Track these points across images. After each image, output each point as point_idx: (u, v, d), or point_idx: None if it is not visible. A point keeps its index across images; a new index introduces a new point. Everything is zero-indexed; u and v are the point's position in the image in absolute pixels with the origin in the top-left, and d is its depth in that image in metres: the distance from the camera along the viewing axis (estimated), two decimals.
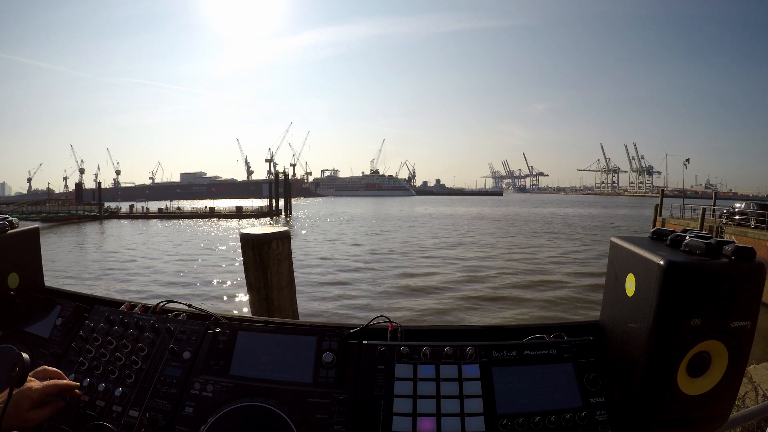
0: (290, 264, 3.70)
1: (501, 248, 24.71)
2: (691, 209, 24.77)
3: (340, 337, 1.07)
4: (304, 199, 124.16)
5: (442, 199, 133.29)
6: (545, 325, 1.16)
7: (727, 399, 0.94)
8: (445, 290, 14.75)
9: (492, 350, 1.02)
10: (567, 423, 0.92)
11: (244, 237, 3.54)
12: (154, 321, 1.17)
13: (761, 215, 17.34)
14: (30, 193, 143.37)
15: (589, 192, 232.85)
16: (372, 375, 1.00)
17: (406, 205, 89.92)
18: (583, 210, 69.80)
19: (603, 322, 1.08)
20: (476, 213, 60.97)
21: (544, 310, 12.63)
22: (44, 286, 1.39)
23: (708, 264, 0.84)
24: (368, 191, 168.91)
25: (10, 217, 1.29)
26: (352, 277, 17.07)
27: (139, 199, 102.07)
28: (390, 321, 1.16)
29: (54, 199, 57.20)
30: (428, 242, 27.32)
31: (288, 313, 3.65)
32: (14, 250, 1.28)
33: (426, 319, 11.87)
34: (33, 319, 1.25)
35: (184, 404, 1.00)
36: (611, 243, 1.06)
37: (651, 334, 0.87)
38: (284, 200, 52.60)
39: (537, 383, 0.98)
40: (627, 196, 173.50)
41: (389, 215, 55.12)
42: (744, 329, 0.87)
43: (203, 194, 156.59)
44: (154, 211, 55.68)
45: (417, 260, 20.53)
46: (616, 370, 0.99)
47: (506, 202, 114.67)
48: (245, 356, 1.06)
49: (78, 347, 1.15)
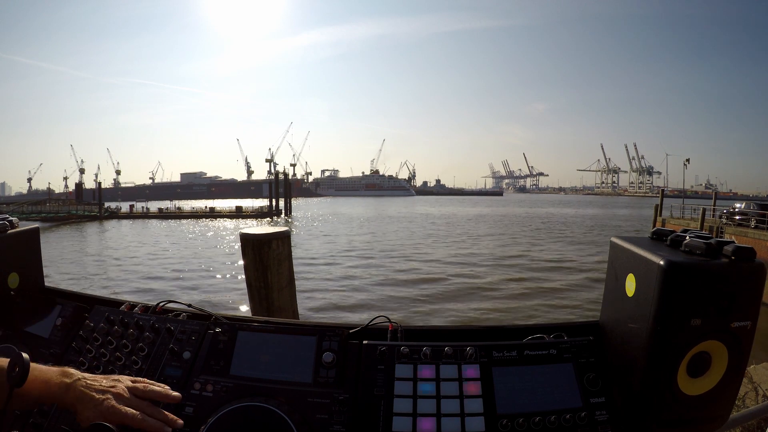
0: (290, 264, 3.70)
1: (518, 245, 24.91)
2: (691, 209, 24.79)
3: (340, 337, 1.07)
4: (305, 199, 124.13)
5: (442, 199, 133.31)
6: (545, 325, 1.17)
7: (727, 399, 0.94)
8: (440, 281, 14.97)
9: (492, 350, 1.02)
10: (567, 423, 0.92)
11: (244, 237, 3.54)
12: (154, 321, 1.17)
13: (761, 215, 17.34)
14: (30, 193, 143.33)
15: (590, 192, 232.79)
16: (372, 375, 1.00)
17: (406, 205, 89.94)
18: (583, 210, 69.87)
19: (603, 322, 1.08)
20: (478, 213, 61.07)
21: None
22: (44, 286, 1.39)
23: (708, 264, 0.84)
24: (368, 191, 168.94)
25: (10, 217, 1.29)
26: (352, 273, 17.12)
27: (139, 199, 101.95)
28: (390, 321, 1.16)
29: (54, 199, 57.15)
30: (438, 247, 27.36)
31: (288, 313, 3.65)
32: (14, 250, 1.28)
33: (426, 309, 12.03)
34: (33, 319, 1.25)
35: (184, 404, 1.00)
36: (611, 243, 1.06)
37: (651, 334, 0.87)
38: (284, 200, 52.62)
39: (537, 383, 0.98)
40: (627, 196, 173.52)
41: (390, 215, 55.15)
42: (744, 329, 0.87)
43: (203, 194, 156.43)
44: (154, 211, 55.69)
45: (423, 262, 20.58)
46: (616, 370, 0.99)
47: (506, 202, 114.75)
48: (245, 356, 1.07)
49: (78, 347, 1.15)
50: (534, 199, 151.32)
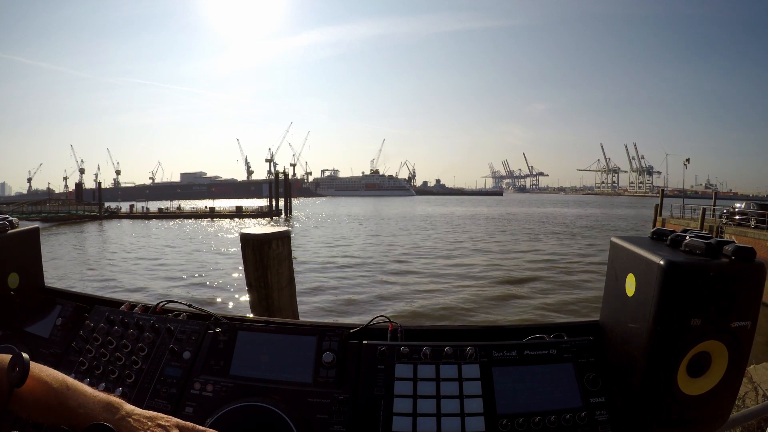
0: (290, 264, 3.70)
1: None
2: (691, 209, 24.76)
3: (340, 337, 1.07)
4: (305, 199, 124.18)
5: (442, 199, 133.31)
6: (545, 325, 1.16)
7: (727, 399, 0.94)
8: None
9: (492, 350, 1.02)
10: (567, 423, 0.92)
11: (244, 237, 3.54)
12: (154, 321, 1.17)
13: (761, 215, 17.34)
14: (30, 193, 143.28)
15: (590, 192, 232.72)
16: (372, 375, 1.00)
17: (406, 205, 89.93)
18: (583, 210, 69.89)
19: (603, 322, 1.08)
20: (480, 213, 61.10)
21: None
22: (44, 286, 1.39)
23: (708, 264, 0.84)
24: (368, 191, 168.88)
25: (10, 217, 1.29)
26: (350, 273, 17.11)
27: (139, 199, 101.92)
28: (390, 321, 1.16)
29: (54, 199, 57.10)
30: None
31: (288, 313, 3.65)
32: (14, 250, 1.28)
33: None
34: (33, 319, 1.25)
35: (184, 404, 1.00)
36: (611, 243, 1.06)
37: (651, 334, 0.87)
38: (284, 200, 52.62)
39: (537, 383, 0.98)
40: (627, 196, 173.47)
41: (390, 215, 55.13)
42: (744, 329, 0.87)
43: (203, 194, 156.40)
44: (154, 210, 55.69)
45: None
46: (616, 370, 0.99)
47: (507, 202, 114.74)
48: (245, 356, 1.07)
49: (78, 347, 1.15)
50: (535, 199, 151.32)
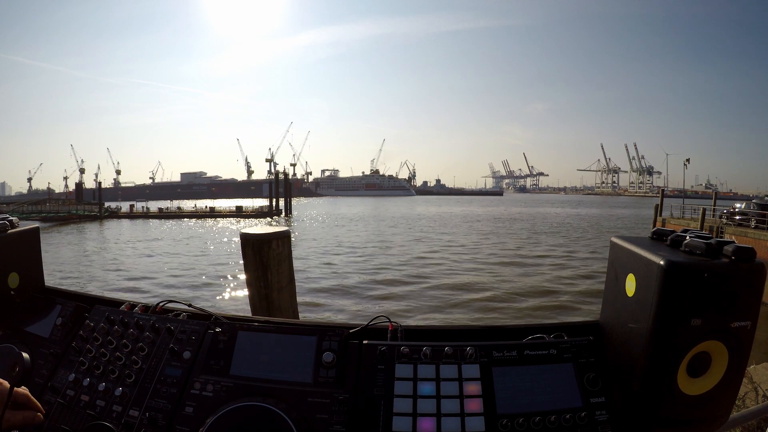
0: (290, 264, 3.69)
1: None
2: (691, 209, 24.79)
3: (340, 337, 1.07)
4: (305, 199, 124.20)
5: (443, 199, 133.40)
6: (545, 325, 1.16)
7: (727, 399, 0.94)
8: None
9: (492, 350, 1.02)
10: (567, 423, 0.92)
11: (244, 237, 3.54)
12: (154, 321, 1.17)
13: (761, 215, 17.34)
14: (30, 193, 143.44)
15: (590, 192, 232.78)
16: (372, 375, 1.00)
17: (406, 205, 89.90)
18: (583, 210, 69.86)
19: (603, 322, 1.08)
20: (481, 213, 61.09)
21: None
22: (44, 286, 1.39)
23: (708, 264, 0.84)
24: (368, 191, 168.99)
25: (10, 217, 1.29)
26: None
27: (139, 198, 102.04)
28: (390, 321, 1.16)
29: (54, 199, 57.16)
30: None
31: (288, 313, 3.65)
32: (14, 249, 1.28)
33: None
34: (33, 318, 1.25)
35: (184, 404, 1.00)
36: (611, 243, 1.06)
37: (651, 334, 0.87)
38: (284, 200, 52.62)
39: (537, 383, 0.98)
40: (627, 196, 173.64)
41: (391, 215, 55.09)
42: (744, 329, 0.87)
43: (203, 194, 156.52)
44: (155, 210, 55.75)
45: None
46: (616, 370, 0.99)
47: (507, 201, 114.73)
48: (245, 356, 1.06)
49: (78, 347, 1.15)
50: (535, 198, 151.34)
